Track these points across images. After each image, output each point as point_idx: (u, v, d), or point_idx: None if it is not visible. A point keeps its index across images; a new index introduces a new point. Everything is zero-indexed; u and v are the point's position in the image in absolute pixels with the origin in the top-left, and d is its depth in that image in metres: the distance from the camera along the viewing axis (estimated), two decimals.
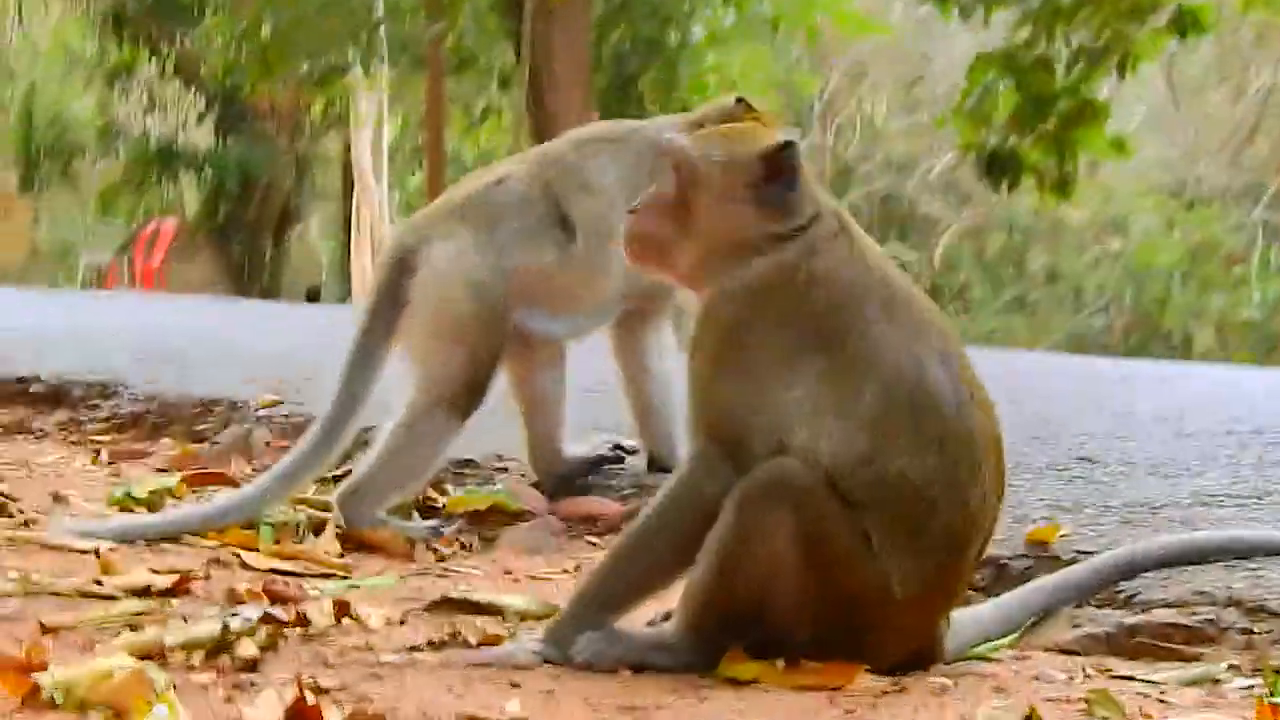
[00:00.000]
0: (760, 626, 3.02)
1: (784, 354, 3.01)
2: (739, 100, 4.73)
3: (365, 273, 31.58)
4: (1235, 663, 3.25)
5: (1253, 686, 3.11)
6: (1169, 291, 29.21)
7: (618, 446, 5.07)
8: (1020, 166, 21.21)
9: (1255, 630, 3.33)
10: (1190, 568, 3.64)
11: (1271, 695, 3.01)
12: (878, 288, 3.09)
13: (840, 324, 3.02)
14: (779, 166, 3.07)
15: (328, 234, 40.24)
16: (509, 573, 4.20)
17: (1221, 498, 4.60)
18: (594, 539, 4.66)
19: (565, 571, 4.28)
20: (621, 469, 4.99)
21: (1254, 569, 3.60)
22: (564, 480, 5.00)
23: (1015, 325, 30.70)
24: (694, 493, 3.05)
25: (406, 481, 4.70)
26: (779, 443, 2.99)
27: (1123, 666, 3.28)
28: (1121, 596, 3.59)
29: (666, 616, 3.19)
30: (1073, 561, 3.84)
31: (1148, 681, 3.14)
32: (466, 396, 4.61)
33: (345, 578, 4.01)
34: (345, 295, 34.77)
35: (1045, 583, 3.60)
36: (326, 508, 4.78)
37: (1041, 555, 3.91)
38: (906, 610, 3.04)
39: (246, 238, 37.63)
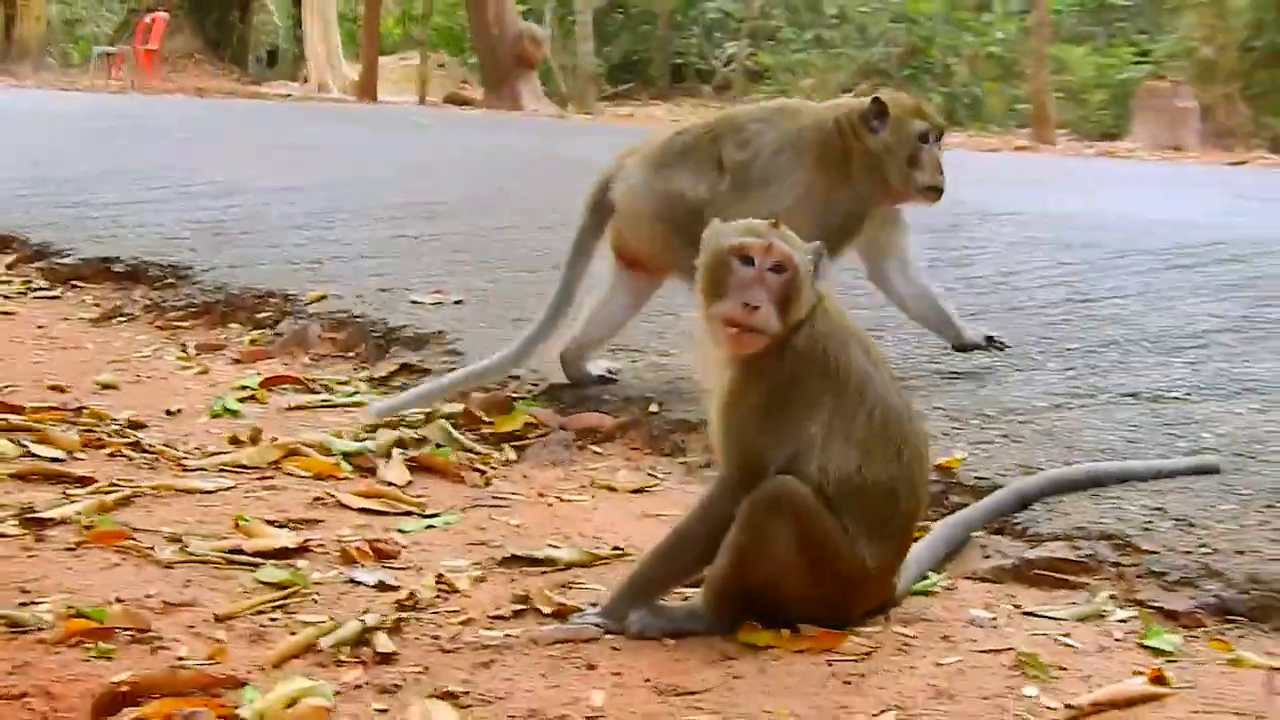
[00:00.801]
0: (767, 602, 3.06)
1: (812, 400, 3.03)
2: (875, 100, 4.75)
3: (313, 41, 34.31)
4: (1114, 593, 3.29)
5: (1128, 620, 3.17)
6: (934, 31, 29.50)
7: (610, 370, 5.01)
8: None
9: (1123, 563, 3.37)
10: (1066, 500, 3.67)
11: (1147, 638, 3.08)
12: (856, 337, 3.14)
13: (844, 371, 3.05)
14: (818, 264, 3.08)
15: (282, 10, 42.48)
16: (543, 495, 4.16)
17: (1066, 399, 4.62)
18: (597, 448, 4.62)
19: (582, 487, 4.26)
20: (613, 389, 4.92)
21: (1116, 501, 3.63)
22: (579, 380, 4.94)
23: (816, 58, 30.93)
24: (718, 508, 3.05)
25: None
26: (792, 467, 3.00)
27: (1028, 599, 3.31)
28: (1018, 528, 3.61)
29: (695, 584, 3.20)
30: (976, 485, 3.88)
31: (1051, 619, 3.19)
32: None
33: (422, 515, 3.95)
34: (299, 54, 37.46)
35: (956, 519, 3.63)
36: (394, 425, 4.72)
37: (951, 481, 3.93)
38: (876, 577, 3.11)
39: (218, 15, 39.61)
